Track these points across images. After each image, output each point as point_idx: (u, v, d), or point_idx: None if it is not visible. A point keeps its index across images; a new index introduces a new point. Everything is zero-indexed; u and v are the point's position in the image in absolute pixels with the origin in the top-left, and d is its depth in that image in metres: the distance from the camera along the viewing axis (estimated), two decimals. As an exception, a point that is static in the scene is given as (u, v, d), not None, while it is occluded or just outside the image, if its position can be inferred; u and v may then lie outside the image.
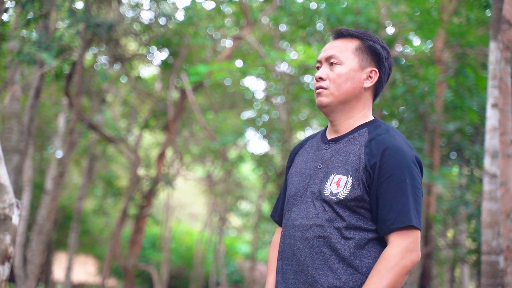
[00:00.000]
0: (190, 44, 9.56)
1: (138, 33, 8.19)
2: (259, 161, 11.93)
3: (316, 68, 1.98)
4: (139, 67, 10.73)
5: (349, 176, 1.80)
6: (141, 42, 8.85)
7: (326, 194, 1.81)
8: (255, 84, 22.76)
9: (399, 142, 1.82)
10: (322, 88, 1.91)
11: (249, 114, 12.76)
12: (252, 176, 15.71)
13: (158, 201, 14.87)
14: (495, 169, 3.84)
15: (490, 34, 4.01)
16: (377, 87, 1.97)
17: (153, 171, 10.92)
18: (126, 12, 8.41)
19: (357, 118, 1.92)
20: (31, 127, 6.80)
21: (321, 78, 1.92)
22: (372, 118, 1.95)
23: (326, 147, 1.92)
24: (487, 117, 3.96)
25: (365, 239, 1.78)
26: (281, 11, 8.95)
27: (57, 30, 7.20)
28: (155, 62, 10.33)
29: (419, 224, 1.76)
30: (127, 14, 8.36)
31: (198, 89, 10.07)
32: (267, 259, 2.13)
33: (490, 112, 3.93)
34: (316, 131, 2.14)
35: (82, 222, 13.67)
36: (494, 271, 3.70)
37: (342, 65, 1.90)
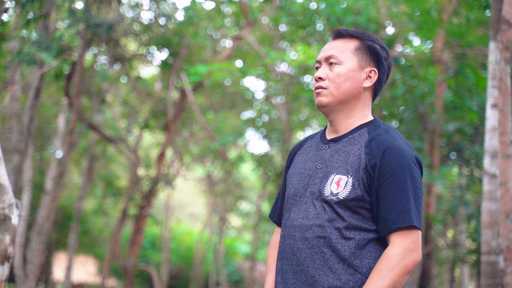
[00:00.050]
0: (190, 44, 9.56)
1: (138, 33, 8.19)
2: (259, 161, 11.93)
3: (316, 69, 1.98)
4: (139, 67, 10.73)
5: (349, 176, 1.80)
6: (141, 42, 8.85)
7: (326, 194, 1.81)
8: (255, 84, 22.76)
9: (399, 142, 1.82)
10: (322, 88, 1.91)
11: (249, 114, 12.76)
12: (252, 176, 15.71)
13: (158, 201, 14.86)
14: (495, 169, 3.84)
15: (490, 35, 4.01)
16: (376, 87, 1.97)
17: (153, 171, 10.91)
18: (126, 12, 8.41)
19: (357, 118, 1.92)
20: (31, 127, 6.80)
21: (321, 78, 1.92)
22: (372, 118, 1.95)
23: (326, 147, 1.92)
24: (487, 117, 3.96)
25: (366, 239, 1.78)
26: (281, 11, 8.95)
27: (57, 30, 7.19)
28: (155, 62, 10.33)
29: (420, 224, 1.76)
30: (127, 14, 8.35)
31: (198, 89, 10.07)
32: (266, 259, 2.12)
33: (490, 112, 3.94)
34: (316, 131, 2.14)
35: (82, 222, 13.66)
36: (494, 271, 3.71)
37: (342, 65, 1.91)
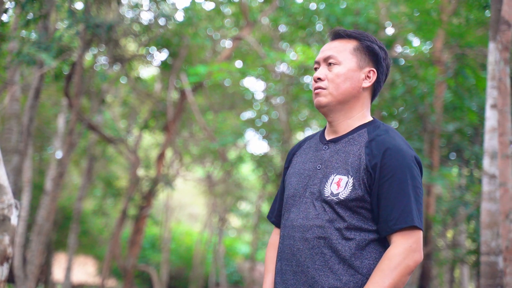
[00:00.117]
0: (190, 45, 9.56)
1: (138, 34, 8.19)
2: (259, 162, 11.93)
3: (314, 69, 1.98)
4: (139, 68, 10.73)
5: (350, 177, 1.80)
6: (141, 43, 8.85)
7: (327, 195, 1.81)
8: (255, 85, 22.76)
9: (399, 143, 1.83)
10: (321, 88, 1.91)
11: (249, 115, 12.75)
12: (252, 177, 15.71)
13: (158, 202, 14.86)
14: (494, 170, 3.84)
15: (489, 35, 4.01)
16: (375, 87, 1.97)
17: (153, 172, 10.91)
18: (126, 13, 8.40)
19: (356, 119, 1.93)
20: (31, 128, 6.80)
21: (320, 79, 1.92)
22: (371, 119, 1.95)
23: (325, 148, 1.92)
24: (486, 118, 3.96)
25: (366, 240, 1.78)
26: (281, 12, 8.95)
27: (57, 31, 7.19)
28: (155, 63, 10.33)
29: (421, 224, 1.76)
30: (127, 15, 8.35)
31: (198, 90, 10.07)
32: (264, 259, 2.12)
33: (489, 113, 3.94)
34: (315, 132, 2.14)
35: (82, 223, 13.66)
36: (493, 272, 3.70)
37: (341, 65, 1.91)
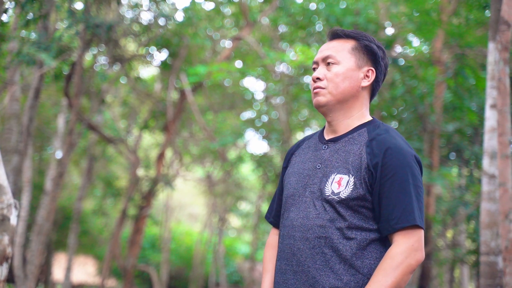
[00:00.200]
0: (190, 45, 9.55)
1: (138, 34, 8.19)
2: (259, 162, 11.93)
3: (313, 70, 1.99)
4: (139, 68, 10.73)
5: (351, 176, 1.80)
6: (141, 43, 8.85)
7: (327, 194, 1.81)
8: (255, 85, 22.74)
9: (400, 142, 1.83)
10: (320, 88, 1.91)
11: (249, 115, 12.75)
12: (252, 177, 15.71)
13: (158, 202, 14.86)
14: (494, 170, 3.84)
15: (489, 35, 4.02)
16: (374, 87, 1.98)
17: (153, 172, 10.91)
18: (126, 13, 8.41)
19: (355, 118, 1.93)
20: (31, 128, 6.80)
21: (319, 78, 1.92)
22: (370, 118, 1.96)
23: (325, 147, 1.92)
24: (486, 118, 3.96)
25: (367, 240, 1.78)
26: (281, 12, 8.95)
27: (57, 31, 7.20)
28: (155, 63, 10.33)
29: (423, 223, 1.76)
30: (127, 15, 8.35)
31: (198, 90, 10.07)
32: (262, 259, 2.12)
33: (489, 113, 3.94)
34: (314, 132, 2.14)
35: (82, 223, 13.66)
36: (493, 272, 3.71)
37: (339, 65, 1.91)
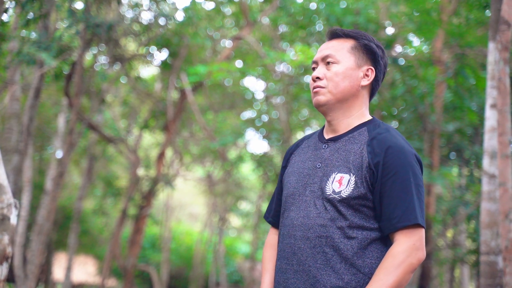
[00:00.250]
0: (190, 45, 9.56)
1: (138, 33, 8.19)
2: (259, 161, 11.93)
3: (312, 69, 1.99)
4: (139, 67, 10.73)
5: (352, 175, 1.80)
6: (141, 42, 8.85)
7: (328, 193, 1.81)
8: (255, 85, 22.75)
9: (400, 141, 1.84)
10: (320, 87, 1.91)
11: (249, 114, 12.75)
12: (252, 176, 15.71)
13: (158, 201, 14.86)
14: (494, 170, 3.84)
15: (489, 35, 4.02)
16: (374, 86, 1.98)
17: (153, 171, 10.92)
18: (126, 12, 8.41)
19: (355, 117, 1.93)
20: (31, 127, 6.80)
21: (319, 78, 1.92)
22: (370, 118, 1.96)
23: (325, 147, 1.92)
24: (486, 118, 3.96)
25: (368, 239, 1.78)
26: (281, 12, 8.95)
27: (57, 30, 7.20)
28: (155, 62, 10.34)
29: (424, 222, 1.77)
30: (127, 14, 8.36)
31: (198, 89, 10.07)
32: (261, 259, 2.11)
33: (489, 113, 3.94)
34: (314, 131, 2.14)
35: (82, 222, 13.67)
36: (493, 272, 3.71)
37: (339, 64, 1.91)
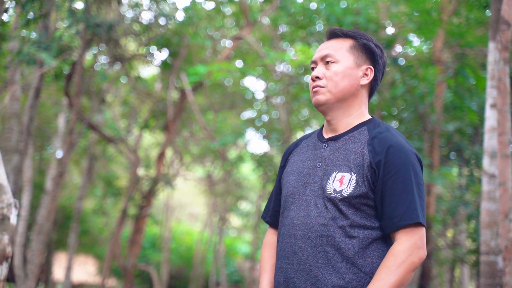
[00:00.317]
0: (190, 44, 9.56)
1: (138, 33, 8.20)
2: (259, 161, 11.92)
3: (311, 69, 1.99)
4: (139, 67, 10.73)
5: (353, 174, 1.80)
6: (141, 42, 8.85)
7: (329, 192, 1.81)
8: (255, 84, 22.75)
9: (401, 140, 1.84)
10: (319, 87, 1.92)
11: (249, 114, 12.75)
12: (252, 176, 15.71)
13: (158, 201, 14.87)
14: (494, 169, 3.84)
15: (489, 35, 4.02)
16: (373, 85, 1.99)
17: (153, 171, 10.92)
18: (126, 12, 8.41)
19: (355, 117, 1.93)
20: (31, 127, 6.80)
21: (318, 77, 1.93)
22: (370, 117, 1.96)
23: (325, 146, 1.92)
24: (486, 117, 3.96)
25: (369, 238, 1.79)
26: (281, 11, 8.95)
27: (57, 30, 7.20)
28: (155, 62, 10.34)
29: (425, 221, 1.77)
30: (127, 14, 8.36)
31: (198, 89, 10.07)
32: (260, 259, 2.11)
33: (489, 113, 3.94)
34: (312, 131, 2.15)
35: (82, 222, 13.67)
36: (493, 271, 3.71)
37: (338, 63, 1.92)
